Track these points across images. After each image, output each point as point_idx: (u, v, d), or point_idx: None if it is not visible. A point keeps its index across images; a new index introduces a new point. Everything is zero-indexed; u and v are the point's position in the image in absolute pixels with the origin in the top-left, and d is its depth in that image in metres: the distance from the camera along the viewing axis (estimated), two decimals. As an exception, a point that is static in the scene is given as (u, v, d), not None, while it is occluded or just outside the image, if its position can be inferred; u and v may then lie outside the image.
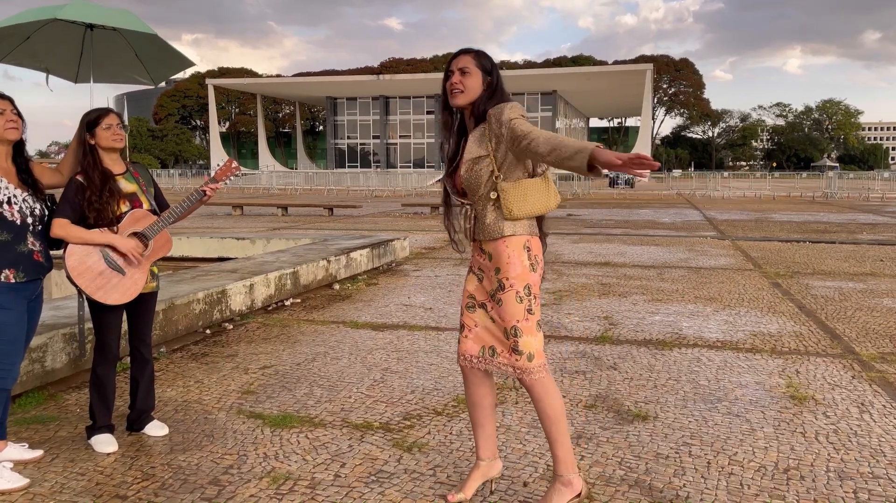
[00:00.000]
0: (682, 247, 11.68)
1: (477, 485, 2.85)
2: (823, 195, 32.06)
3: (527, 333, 2.62)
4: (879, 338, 5.45)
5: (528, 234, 2.66)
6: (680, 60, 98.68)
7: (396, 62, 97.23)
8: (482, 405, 2.84)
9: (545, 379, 2.66)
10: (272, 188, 39.62)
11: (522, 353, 2.62)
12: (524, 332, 2.62)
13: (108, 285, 3.22)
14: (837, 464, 3.17)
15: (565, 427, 2.70)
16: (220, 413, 3.81)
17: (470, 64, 2.67)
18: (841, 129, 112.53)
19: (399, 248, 9.70)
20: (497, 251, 2.64)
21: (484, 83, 2.68)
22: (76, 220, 3.19)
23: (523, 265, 2.62)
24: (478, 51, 2.73)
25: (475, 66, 2.67)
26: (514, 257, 2.62)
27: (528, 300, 2.62)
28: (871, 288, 7.72)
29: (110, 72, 5.27)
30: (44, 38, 4.86)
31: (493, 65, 2.72)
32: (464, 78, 2.66)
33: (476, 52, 2.72)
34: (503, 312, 2.64)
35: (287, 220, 18.04)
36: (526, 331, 2.62)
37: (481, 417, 2.85)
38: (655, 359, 4.85)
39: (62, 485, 2.96)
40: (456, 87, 2.67)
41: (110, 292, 3.22)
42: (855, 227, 15.75)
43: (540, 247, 2.73)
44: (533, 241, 2.68)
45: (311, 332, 5.66)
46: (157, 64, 5.32)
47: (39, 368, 4.01)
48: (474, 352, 2.75)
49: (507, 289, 2.62)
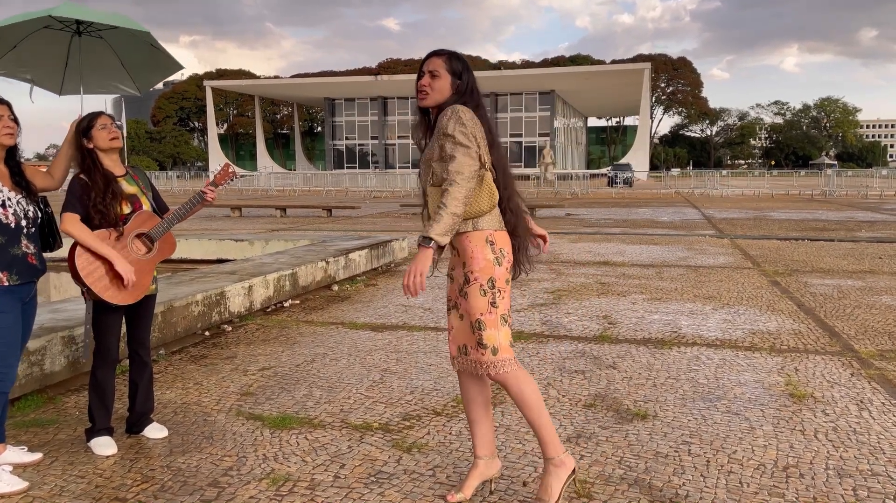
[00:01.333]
0: (680, 245, 11.69)
1: (476, 485, 2.85)
2: (822, 193, 32.08)
3: (490, 326, 2.64)
4: (878, 336, 5.46)
5: (490, 229, 2.67)
6: (678, 59, 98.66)
7: (394, 63, 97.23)
8: (476, 401, 2.86)
9: (515, 371, 2.68)
10: (271, 189, 39.61)
11: (486, 347, 2.64)
12: (487, 325, 2.64)
13: (115, 285, 3.22)
14: (836, 462, 3.17)
15: (545, 411, 2.73)
16: (219, 415, 3.81)
17: (440, 67, 2.69)
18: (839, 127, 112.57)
19: (398, 248, 9.70)
20: (461, 246, 2.68)
21: (452, 86, 2.69)
22: (83, 219, 3.21)
23: (486, 259, 2.64)
24: (450, 53, 2.74)
25: (445, 69, 2.69)
26: (476, 251, 2.65)
27: (491, 293, 2.64)
28: (869, 285, 7.73)
29: (97, 82, 5.25)
30: (31, 47, 4.84)
31: (466, 68, 2.72)
32: (432, 80, 2.68)
33: (448, 55, 2.73)
34: (468, 306, 2.67)
35: (286, 222, 18.04)
36: (489, 325, 2.64)
37: (475, 414, 2.86)
38: (654, 358, 4.85)
39: (61, 487, 2.96)
40: (423, 88, 2.70)
41: (118, 292, 3.22)
42: (853, 224, 15.77)
43: (506, 240, 2.73)
44: (497, 234, 2.69)
45: (310, 334, 5.66)
46: (143, 70, 5.29)
47: (38, 371, 4.01)
48: (454, 353, 2.80)
49: (471, 283, 2.65)
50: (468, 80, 2.71)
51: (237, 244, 9.99)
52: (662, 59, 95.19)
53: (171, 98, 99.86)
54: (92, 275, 3.18)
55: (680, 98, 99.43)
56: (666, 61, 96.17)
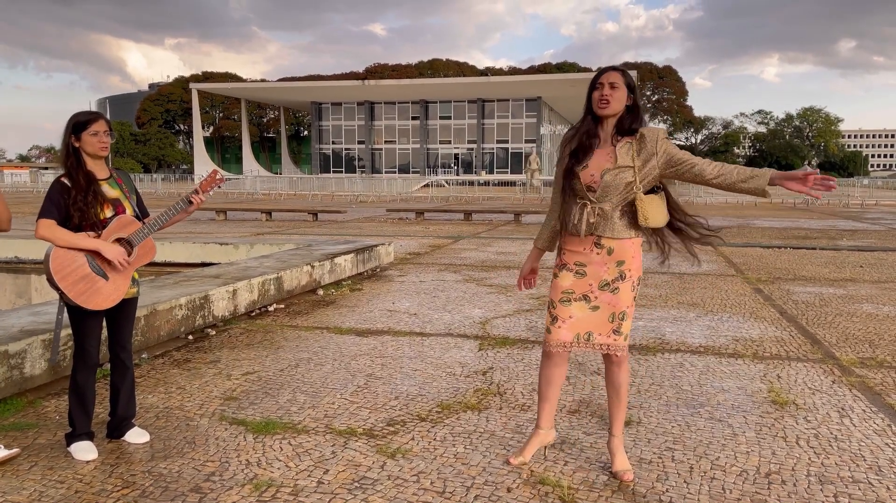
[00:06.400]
0: (665, 252, 11.74)
1: (535, 450, 3.27)
2: (804, 202, 32.40)
3: (629, 318, 3.08)
4: (859, 344, 5.51)
5: (643, 238, 3.12)
6: (663, 68, 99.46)
7: (382, 67, 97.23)
8: (556, 383, 3.24)
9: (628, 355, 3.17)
10: (256, 193, 39.42)
11: (622, 334, 3.07)
12: (628, 317, 3.07)
13: (91, 290, 3.19)
14: (818, 469, 3.20)
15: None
16: (202, 419, 3.78)
17: (618, 80, 2.99)
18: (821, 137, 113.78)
19: (384, 253, 9.68)
20: (623, 248, 3.02)
21: (628, 99, 3.01)
22: (60, 222, 3.17)
23: (640, 262, 3.08)
24: (625, 70, 3.05)
25: (622, 82, 2.99)
26: (637, 254, 3.06)
27: (636, 290, 3.09)
28: (850, 293, 7.81)
29: None
30: None
31: (635, 85, 3.05)
32: (613, 91, 2.98)
33: (622, 71, 3.04)
34: (617, 299, 3.04)
35: (271, 226, 17.95)
36: (629, 316, 3.08)
37: (551, 393, 3.24)
38: (639, 365, 4.87)
39: (41, 492, 2.92)
40: (605, 97, 2.99)
41: (92, 297, 3.19)
42: (835, 233, 15.94)
43: None
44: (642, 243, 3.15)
45: (294, 338, 5.63)
46: None
47: (18, 375, 3.96)
48: (568, 339, 3.11)
49: (626, 279, 3.04)
50: (637, 96, 3.05)
51: (222, 248, 9.93)
52: (648, 68, 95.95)
53: (157, 100, 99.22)
54: (66, 280, 3.14)
55: (665, 106, 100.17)
56: (651, 69, 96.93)
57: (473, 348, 5.31)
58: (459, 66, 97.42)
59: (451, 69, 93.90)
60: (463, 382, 4.46)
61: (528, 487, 2.97)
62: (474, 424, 3.73)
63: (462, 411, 3.93)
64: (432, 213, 21.32)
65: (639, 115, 3.03)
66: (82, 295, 3.17)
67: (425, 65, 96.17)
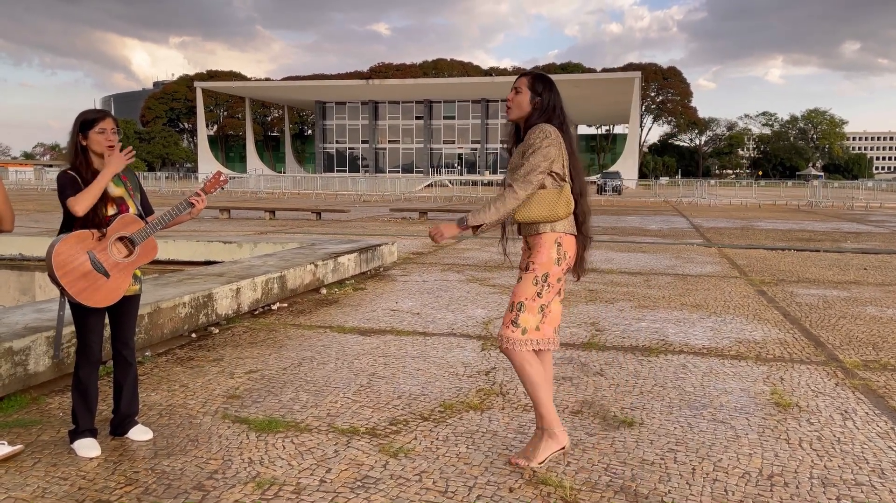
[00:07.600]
0: (668, 254, 11.75)
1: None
2: (808, 204, 32.34)
3: (528, 311, 3.09)
4: (863, 346, 5.50)
5: (561, 233, 3.10)
6: (668, 69, 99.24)
7: (386, 67, 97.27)
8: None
9: (525, 352, 3.10)
10: (260, 192, 39.47)
11: (519, 326, 3.08)
12: (527, 310, 3.09)
13: (92, 287, 3.20)
14: (821, 471, 3.19)
15: (547, 391, 3.16)
16: (205, 417, 3.79)
17: (523, 84, 3.13)
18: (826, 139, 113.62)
19: (387, 252, 9.69)
20: (534, 243, 3.13)
21: (532, 103, 3.10)
22: (67, 217, 3.22)
23: (550, 257, 3.08)
24: (535, 74, 3.18)
25: (526, 86, 3.11)
26: (544, 249, 3.09)
27: (541, 285, 3.09)
28: (854, 296, 7.79)
29: None
30: None
31: (547, 88, 3.13)
32: (515, 96, 3.13)
33: (532, 75, 3.16)
34: (517, 288, 3.12)
35: (275, 224, 17.98)
36: (528, 310, 3.09)
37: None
38: (641, 366, 4.86)
39: (44, 489, 2.93)
40: (508, 103, 3.19)
41: (93, 294, 3.20)
42: (839, 235, 15.90)
43: (572, 244, 3.15)
44: (566, 238, 3.12)
45: (297, 337, 5.64)
46: None
47: (22, 371, 3.97)
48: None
49: (529, 271, 3.11)
50: (549, 99, 3.11)
51: (225, 246, 9.94)
52: (652, 69, 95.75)
53: (161, 98, 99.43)
54: (67, 276, 3.15)
55: (669, 107, 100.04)
56: (656, 70, 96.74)
57: (476, 348, 5.32)
58: (463, 66, 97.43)
59: (456, 69, 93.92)
60: (465, 382, 4.46)
61: (531, 487, 2.97)
62: (477, 424, 3.73)
63: (464, 411, 3.93)
64: (436, 213, 21.32)
65: (543, 115, 3.10)
66: (83, 292, 3.18)
67: (429, 65, 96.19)
